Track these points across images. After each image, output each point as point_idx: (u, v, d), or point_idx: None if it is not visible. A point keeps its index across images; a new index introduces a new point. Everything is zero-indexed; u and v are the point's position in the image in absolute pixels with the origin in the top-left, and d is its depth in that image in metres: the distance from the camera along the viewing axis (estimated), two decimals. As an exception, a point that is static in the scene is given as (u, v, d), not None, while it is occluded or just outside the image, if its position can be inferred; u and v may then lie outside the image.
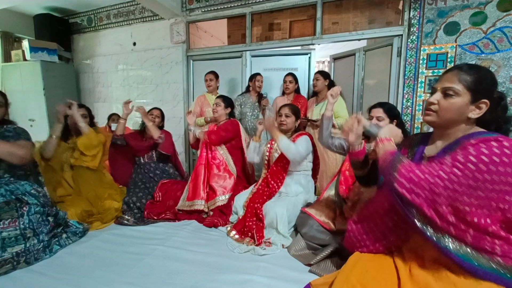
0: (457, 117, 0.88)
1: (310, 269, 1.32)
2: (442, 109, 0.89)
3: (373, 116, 1.57)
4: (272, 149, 1.99)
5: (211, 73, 2.93)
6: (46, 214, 1.50)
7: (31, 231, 1.40)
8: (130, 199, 2.01)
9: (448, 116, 0.89)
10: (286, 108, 1.92)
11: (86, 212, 1.79)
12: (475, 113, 0.86)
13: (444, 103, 0.88)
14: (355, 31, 2.81)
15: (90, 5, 4.05)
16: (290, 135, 1.94)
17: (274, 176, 1.89)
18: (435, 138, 1.00)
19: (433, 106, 0.91)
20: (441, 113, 0.89)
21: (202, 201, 2.01)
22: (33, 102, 3.97)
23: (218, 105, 2.30)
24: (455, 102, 0.86)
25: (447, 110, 0.88)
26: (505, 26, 2.23)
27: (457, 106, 0.86)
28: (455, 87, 0.86)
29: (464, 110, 0.86)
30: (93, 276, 1.27)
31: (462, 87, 0.85)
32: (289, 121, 1.89)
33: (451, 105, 0.87)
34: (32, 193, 1.52)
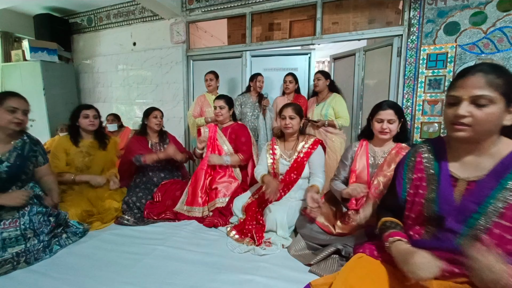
0: (495, 127, 0.76)
1: (310, 269, 1.32)
2: (479, 122, 0.74)
3: (383, 120, 1.43)
4: (276, 159, 1.86)
5: (211, 73, 2.93)
6: (48, 214, 1.50)
7: (32, 231, 1.40)
8: (130, 199, 2.00)
9: (486, 128, 0.75)
10: (289, 109, 1.78)
11: (86, 212, 1.79)
12: (509, 119, 0.75)
13: (481, 114, 0.73)
14: (355, 31, 2.81)
15: (90, 5, 4.06)
16: (296, 138, 1.84)
17: (285, 187, 1.81)
18: (460, 153, 0.85)
19: (465, 120, 0.75)
20: (478, 127, 0.75)
21: (200, 208, 1.97)
22: (33, 102, 3.88)
23: (222, 108, 2.18)
24: (493, 112, 0.73)
25: (486, 122, 0.74)
26: (505, 26, 2.23)
27: (496, 116, 0.73)
28: (489, 95, 0.72)
29: (501, 118, 0.74)
30: (93, 276, 1.27)
31: (496, 93, 0.72)
32: (294, 123, 1.77)
33: (489, 116, 0.73)
34: (39, 196, 1.55)
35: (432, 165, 0.91)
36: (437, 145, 0.93)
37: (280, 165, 1.84)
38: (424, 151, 0.95)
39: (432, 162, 0.91)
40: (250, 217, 1.74)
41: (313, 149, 1.77)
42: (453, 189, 0.84)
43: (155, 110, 2.35)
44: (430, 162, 0.91)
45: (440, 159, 0.89)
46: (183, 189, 2.15)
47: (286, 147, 1.88)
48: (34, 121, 4.02)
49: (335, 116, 2.57)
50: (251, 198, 1.91)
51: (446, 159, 0.88)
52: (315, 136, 1.88)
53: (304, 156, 1.77)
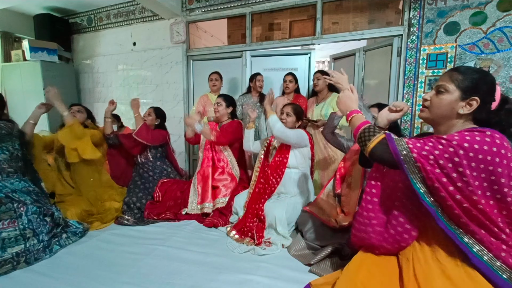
0: (447, 112, 0.92)
1: (310, 269, 1.32)
2: (433, 105, 0.95)
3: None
4: (271, 146, 1.98)
5: (216, 73, 2.93)
6: (43, 214, 1.50)
7: (31, 231, 1.40)
8: (130, 199, 2.00)
9: (438, 112, 0.94)
10: (288, 107, 1.91)
11: (86, 212, 1.79)
12: (466, 109, 0.90)
13: (435, 99, 0.94)
14: (355, 31, 2.81)
15: (90, 5, 4.05)
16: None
17: (274, 172, 1.88)
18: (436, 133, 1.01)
19: (426, 103, 0.97)
20: (432, 109, 0.95)
21: (210, 204, 2.00)
22: (33, 102, 3.90)
23: (220, 105, 2.27)
24: (445, 98, 0.92)
25: (437, 106, 0.93)
26: (505, 26, 2.23)
27: (446, 102, 0.91)
28: (446, 85, 0.92)
29: (453, 105, 0.91)
30: (93, 276, 1.27)
31: (452, 85, 0.91)
32: (289, 120, 1.87)
33: (441, 101, 0.92)
34: (23, 191, 1.51)
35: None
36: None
37: (272, 154, 2.00)
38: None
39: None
40: (250, 213, 1.74)
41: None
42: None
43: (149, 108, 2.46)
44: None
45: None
46: (184, 189, 2.14)
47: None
48: (34, 121, 4.03)
49: (335, 116, 2.57)
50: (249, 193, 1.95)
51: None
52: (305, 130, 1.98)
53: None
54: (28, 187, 1.56)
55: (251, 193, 1.93)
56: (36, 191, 1.59)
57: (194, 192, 2.08)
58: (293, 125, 1.89)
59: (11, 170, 1.52)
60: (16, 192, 1.47)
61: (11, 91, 4.15)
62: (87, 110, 2.15)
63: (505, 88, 2.29)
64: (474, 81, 0.89)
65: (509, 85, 2.28)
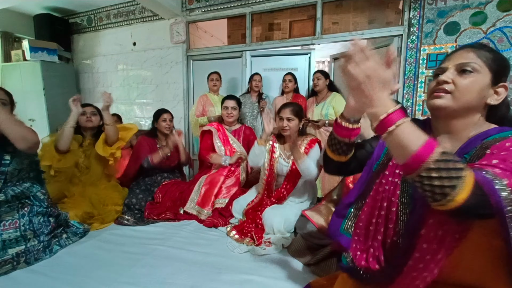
0: (476, 101, 0.68)
1: (310, 269, 1.32)
2: (460, 89, 0.67)
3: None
4: (274, 158, 1.82)
5: (216, 73, 2.93)
6: (48, 214, 1.50)
7: (32, 232, 1.40)
8: (130, 200, 2.00)
9: (467, 99, 0.67)
10: (287, 111, 1.71)
11: (87, 214, 1.79)
12: (494, 99, 0.69)
13: (463, 81, 0.67)
14: (355, 31, 2.81)
15: (90, 5, 4.05)
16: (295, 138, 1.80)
17: (284, 190, 1.80)
18: (439, 132, 0.77)
19: (447, 86, 0.68)
20: (459, 94, 0.67)
21: (209, 211, 1.96)
22: (33, 102, 3.97)
23: (235, 109, 2.18)
24: (476, 81, 0.66)
25: (467, 90, 0.67)
26: (505, 26, 2.23)
27: (479, 86, 0.67)
28: (474, 63, 0.67)
29: (485, 93, 0.68)
30: (93, 276, 1.27)
31: (483, 64, 0.67)
32: (292, 125, 1.72)
33: (472, 84, 0.66)
34: (37, 196, 1.51)
35: None
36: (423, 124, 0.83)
37: (279, 165, 1.82)
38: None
39: None
40: (250, 220, 1.74)
41: (310, 147, 1.75)
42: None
43: (164, 113, 2.26)
44: None
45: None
46: (184, 190, 2.13)
47: (286, 147, 1.87)
48: (34, 121, 4.03)
49: (335, 116, 2.56)
50: (250, 204, 1.87)
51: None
52: (312, 136, 1.86)
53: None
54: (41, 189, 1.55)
55: (254, 202, 1.86)
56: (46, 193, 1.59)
57: (197, 191, 2.05)
58: (297, 128, 1.76)
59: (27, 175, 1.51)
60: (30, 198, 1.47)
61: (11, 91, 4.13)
62: (98, 111, 2.06)
63: (505, 88, 2.29)
64: (502, 62, 0.68)
65: (509, 85, 2.27)
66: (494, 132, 0.67)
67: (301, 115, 1.79)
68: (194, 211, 1.97)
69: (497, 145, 0.62)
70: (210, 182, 2.07)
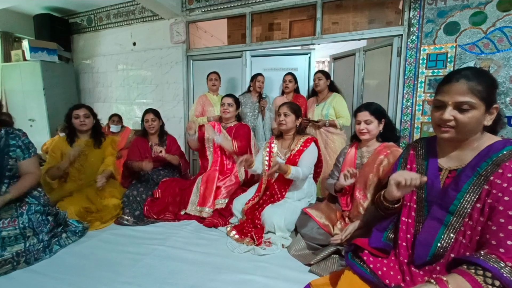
0: (476, 128, 0.85)
1: (310, 269, 1.32)
2: (461, 125, 0.84)
3: (361, 121, 1.50)
4: (272, 156, 1.89)
5: (215, 73, 2.93)
6: (46, 213, 1.50)
7: (31, 230, 1.40)
8: (130, 192, 2.01)
9: (468, 129, 0.85)
10: (284, 107, 1.84)
11: (85, 209, 1.78)
12: (489, 119, 0.85)
13: (463, 118, 0.83)
14: (355, 31, 2.81)
15: (90, 5, 4.06)
16: (292, 136, 1.86)
17: (281, 187, 1.83)
18: (446, 149, 0.95)
19: (450, 123, 0.85)
20: (460, 128, 0.84)
21: (210, 209, 1.96)
22: (33, 102, 3.97)
23: (231, 106, 2.21)
24: (474, 116, 0.82)
25: (467, 124, 0.83)
26: (505, 26, 2.23)
27: (476, 119, 0.83)
28: (471, 101, 0.81)
29: (481, 120, 0.84)
30: (93, 276, 1.27)
31: (477, 99, 0.81)
32: (288, 120, 1.81)
33: (471, 119, 0.82)
34: (34, 195, 1.52)
35: (423, 158, 1.01)
36: (429, 142, 1.03)
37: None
38: (417, 147, 1.05)
39: (423, 156, 1.02)
40: (250, 220, 1.74)
41: (306, 147, 1.79)
42: (439, 177, 0.94)
43: (146, 114, 2.30)
44: (422, 155, 1.02)
45: (430, 153, 1.00)
46: (184, 187, 2.14)
47: (283, 145, 1.91)
48: (34, 121, 4.03)
49: (335, 116, 2.56)
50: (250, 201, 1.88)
51: (436, 154, 0.98)
52: (309, 135, 1.90)
53: (296, 153, 1.80)
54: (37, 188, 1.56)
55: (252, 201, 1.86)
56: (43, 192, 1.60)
57: (196, 192, 2.06)
58: (293, 125, 1.83)
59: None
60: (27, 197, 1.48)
61: (11, 91, 4.16)
62: (91, 111, 2.06)
63: (505, 88, 2.29)
64: (490, 88, 0.83)
65: (509, 85, 2.28)
66: (500, 146, 0.83)
67: (298, 113, 1.86)
68: (197, 212, 1.98)
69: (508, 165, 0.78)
70: (206, 181, 2.09)
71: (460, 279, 0.73)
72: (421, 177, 0.89)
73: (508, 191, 0.77)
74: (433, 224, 0.90)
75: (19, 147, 1.48)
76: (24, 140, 1.51)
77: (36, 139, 2.85)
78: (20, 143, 1.49)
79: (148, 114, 2.30)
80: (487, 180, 0.81)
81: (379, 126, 1.51)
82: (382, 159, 1.43)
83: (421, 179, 0.89)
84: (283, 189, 1.83)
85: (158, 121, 2.33)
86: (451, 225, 0.87)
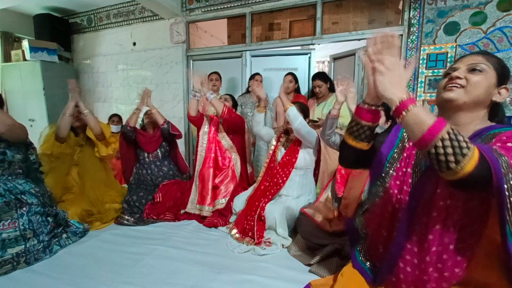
0: (484, 97, 0.79)
1: (310, 269, 1.32)
2: (472, 84, 0.78)
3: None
4: (278, 146, 1.96)
5: (215, 73, 2.93)
6: (46, 214, 1.50)
7: (31, 231, 1.40)
8: (130, 197, 2.01)
9: (476, 94, 0.78)
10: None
11: (86, 211, 1.79)
12: (499, 97, 0.80)
13: (474, 77, 0.78)
14: (355, 31, 2.81)
15: (90, 5, 4.05)
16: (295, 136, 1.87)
17: (281, 171, 1.85)
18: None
19: (460, 81, 0.79)
20: (470, 88, 0.78)
21: (209, 207, 1.98)
22: (33, 102, 3.97)
23: (227, 101, 2.29)
24: (485, 78, 0.78)
25: (477, 85, 0.77)
26: (505, 26, 2.23)
27: (487, 84, 0.78)
28: (483, 65, 0.78)
29: (491, 90, 0.79)
30: (93, 276, 1.27)
31: (491, 65, 0.79)
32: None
33: (482, 81, 0.78)
34: (31, 192, 1.51)
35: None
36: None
37: (279, 153, 1.95)
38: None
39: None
40: (251, 210, 1.72)
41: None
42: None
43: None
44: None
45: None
46: (184, 190, 2.14)
47: (288, 140, 1.97)
48: (34, 121, 4.03)
49: (335, 116, 2.57)
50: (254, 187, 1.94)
51: None
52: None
53: (296, 141, 1.84)
54: (35, 187, 1.55)
55: (255, 188, 1.91)
56: (41, 192, 1.59)
57: (195, 190, 2.07)
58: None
59: (20, 171, 1.52)
60: (25, 194, 1.47)
61: (11, 91, 4.15)
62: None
63: (505, 88, 2.29)
64: (506, 68, 0.81)
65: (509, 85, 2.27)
66: (497, 127, 0.78)
67: (306, 113, 1.89)
68: (196, 210, 1.98)
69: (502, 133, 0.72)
70: (202, 180, 2.10)
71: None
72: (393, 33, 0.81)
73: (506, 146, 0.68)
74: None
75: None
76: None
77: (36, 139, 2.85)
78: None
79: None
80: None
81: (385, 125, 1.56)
82: None
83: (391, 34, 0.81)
84: (287, 170, 1.84)
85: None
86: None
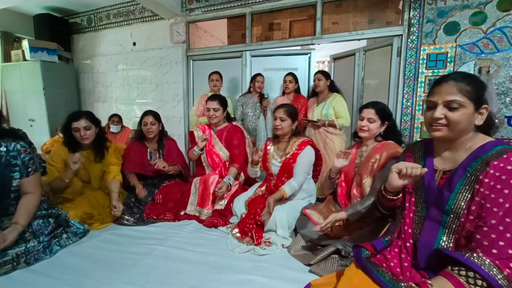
0: (467, 126, 0.88)
1: (310, 269, 1.32)
2: (452, 122, 0.87)
3: (364, 118, 1.49)
4: (268, 159, 1.89)
5: (216, 73, 2.92)
6: (48, 216, 1.50)
7: (31, 234, 1.40)
8: (129, 199, 2.00)
9: (459, 128, 0.88)
10: (281, 111, 1.76)
11: (87, 214, 1.78)
12: (480, 119, 0.88)
13: (453, 116, 0.87)
14: (355, 31, 2.81)
15: (90, 5, 4.06)
16: (288, 139, 1.83)
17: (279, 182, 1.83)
18: (441, 150, 0.98)
19: (441, 121, 0.89)
20: (452, 126, 0.88)
21: (209, 211, 1.96)
22: (33, 102, 3.97)
23: (217, 110, 2.10)
24: (463, 113, 0.86)
25: (458, 122, 0.86)
26: (505, 26, 2.23)
27: (466, 117, 0.86)
28: (459, 100, 0.85)
29: (472, 119, 0.87)
30: (93, 276, 1.27)
31: (465, 98, 0.85)
32: (284, 125, 1.76)
33: (461, 117, 0.86)
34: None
35: (420, 160, 1.05)
36: (427, 144, 1.06)
37: (272, 166, 1.87)
38: (415, 149, 1.09)
39: (421, 158, 1.05)
40: (252, 214, 1.72)
41: (300, 150, 1.75)
42: (434, 178, 0.96)
43: (145, 116, 2.12)
44: (419, 157, 1.06)
45: (427, 155, 1.03)
46: (184, 190, 2.13)
47: (279, 148, 1.89)
48: (34, 121, 4.03)
49: (335, 116, 2.57)
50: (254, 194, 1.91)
51: (432, 155, 1.02)
52: (305, 137, 1.85)
53: (291, 157, 1.77)
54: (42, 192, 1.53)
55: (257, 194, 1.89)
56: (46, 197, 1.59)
57: (194, 192, 2.06)
58: (289, 129, 1.79)
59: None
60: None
61: (11, 91, 4.16)
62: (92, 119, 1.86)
63: (505, 88, 2.29)
64: (478, 89, 0.87)
65: (509, 85, 2.28)
66: (490, 146, 0.86)
67: (294, 117, 1.81)
68: (196, 212, 1.98)
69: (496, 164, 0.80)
70: (204, 182, 2.07)
71: (444, 281, 0.75)
72: (422, 168, 0.92)
73: (495, 188, 0.79)
74: (432, 225, 0.92)
75: (18, 166, 1.39)
76: (24, 157, 1.40)
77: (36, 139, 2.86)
78: (19, 162, 1.39)
79: (147, 116, 2.12)
80: (477, 179, 0.83)
81: (381, 128, 1.51)
82: (376, 157, 1.44)
83: (422, 170, 0.92)
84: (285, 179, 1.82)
85: (158, 124, 2.16)
86: (448, 226, 0.88)
